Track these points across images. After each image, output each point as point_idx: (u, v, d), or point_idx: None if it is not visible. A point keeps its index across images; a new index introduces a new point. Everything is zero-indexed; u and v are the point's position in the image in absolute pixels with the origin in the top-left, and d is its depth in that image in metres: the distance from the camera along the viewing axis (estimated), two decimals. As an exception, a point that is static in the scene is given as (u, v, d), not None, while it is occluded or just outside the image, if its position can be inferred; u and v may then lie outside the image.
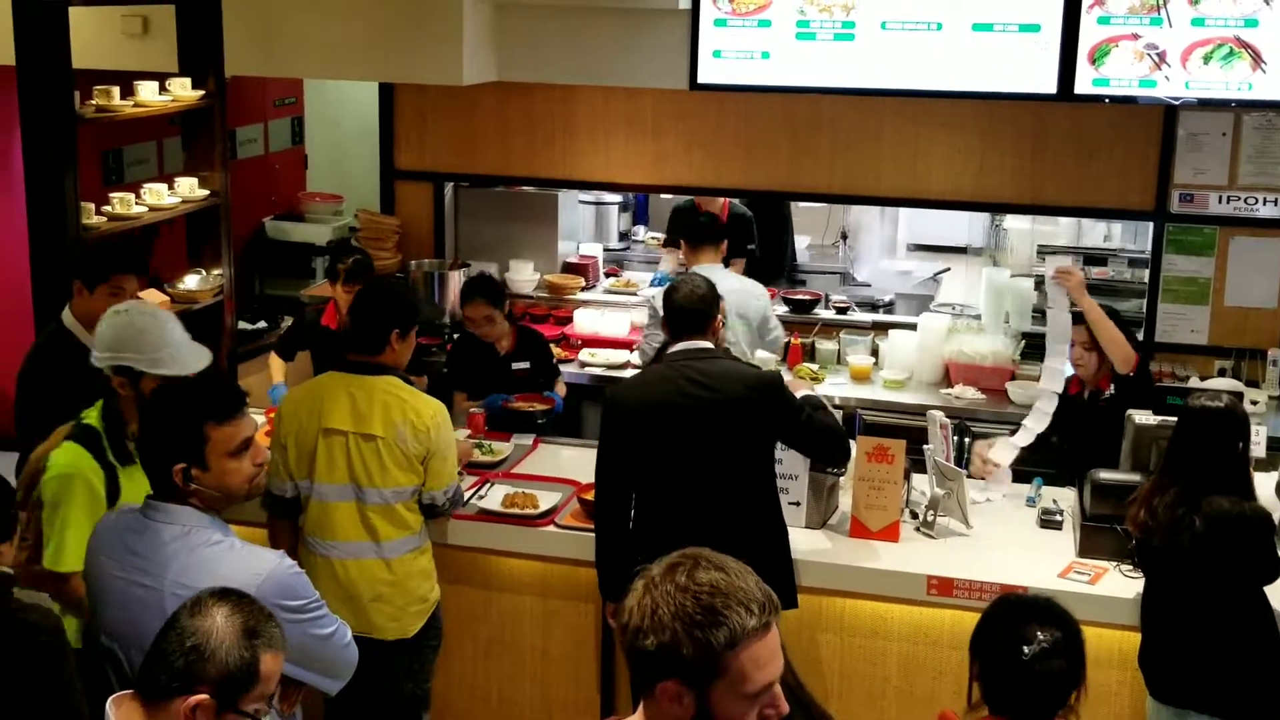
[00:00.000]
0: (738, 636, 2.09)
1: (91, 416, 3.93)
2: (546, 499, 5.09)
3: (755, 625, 2.10)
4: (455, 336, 6.84)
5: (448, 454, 4.51)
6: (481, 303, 6.05)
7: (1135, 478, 4.63)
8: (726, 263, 6.71)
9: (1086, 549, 4.73)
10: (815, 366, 6.98)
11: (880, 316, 7.54)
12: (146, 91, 6.07)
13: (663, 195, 8.63)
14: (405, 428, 4.38)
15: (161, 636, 2.53)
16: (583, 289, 7.72)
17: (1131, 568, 4.55)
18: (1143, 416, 4.93)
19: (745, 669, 2.10)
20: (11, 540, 3.48)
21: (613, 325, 7.42)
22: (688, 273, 4.98)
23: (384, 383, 4.46)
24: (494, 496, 5.11)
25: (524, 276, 7.65)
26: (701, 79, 6.56)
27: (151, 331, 3.96)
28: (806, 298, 7.55)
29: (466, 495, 5.05)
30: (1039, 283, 6.93)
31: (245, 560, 3.07)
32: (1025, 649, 2.97)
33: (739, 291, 6.32)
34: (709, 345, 4.44)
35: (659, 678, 2.12)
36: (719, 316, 4.55)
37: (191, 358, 4.02)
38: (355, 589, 4.42)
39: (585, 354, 7.15)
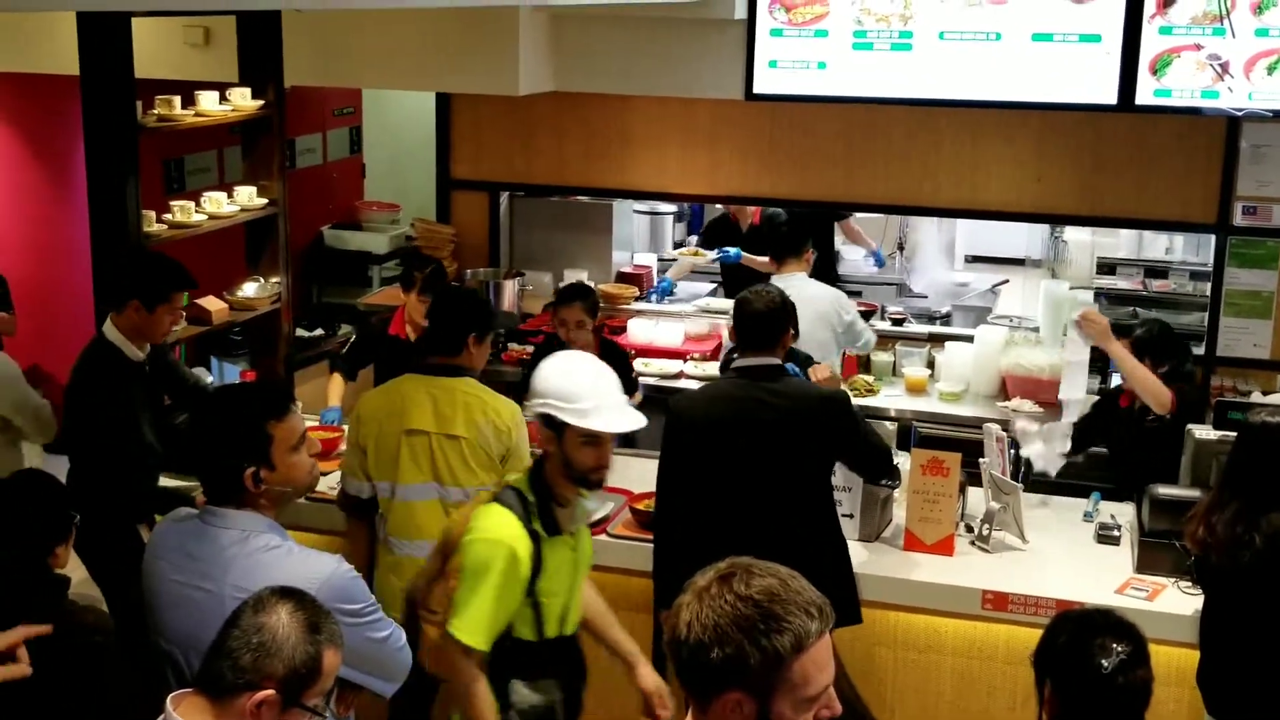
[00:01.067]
0: (803, 641, 2.07)
1: (520, 481, 3.77)
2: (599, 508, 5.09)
3: (818, 628, 2.09)
4: (539, 341, 6.85)
5: (524, 453, 4.56)
6: (579, 306, 6.03)
7: (1194, 493, 4.57)
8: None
9: (1144, 565, 4.69)
10: (871, 378, 6.95)
11: (936, 328, 7.49)
12: (207, 101, 6.14)
13: (717, 205, 8.64)
14: (487, 428, 4.46)
15: (225, 634, 2.54)
16: (636, 299, 7.73)
17: (1190, 584, 4.49)
18: (1202, 431, 4.87)
19: (808, 672, 2.08)
20: (67, 543, 3.53)
21: (666, 335, 7.42)
22: (766, 283, 4.94)
23: (463, 384, 4.53)
24: (547, 505, 5.11)
25: (578, 286, 7.66)
26: (757, 89, 6.55)
27: (586, 382, 3.71)
28: (862, 309, 7.49)
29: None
30: (1096, 296, 6.85)
31: (303, 564, 3.08)
32: (1104, 662, 2.87)
33: (827, 299, 6.43)
34: (778, 362, 4.38)
35: (720, 690, 2.09)
36: (791, 330, 4.50)
37: (621, 417, 3.69)
38: None
39: (639, 364, 7.14)
